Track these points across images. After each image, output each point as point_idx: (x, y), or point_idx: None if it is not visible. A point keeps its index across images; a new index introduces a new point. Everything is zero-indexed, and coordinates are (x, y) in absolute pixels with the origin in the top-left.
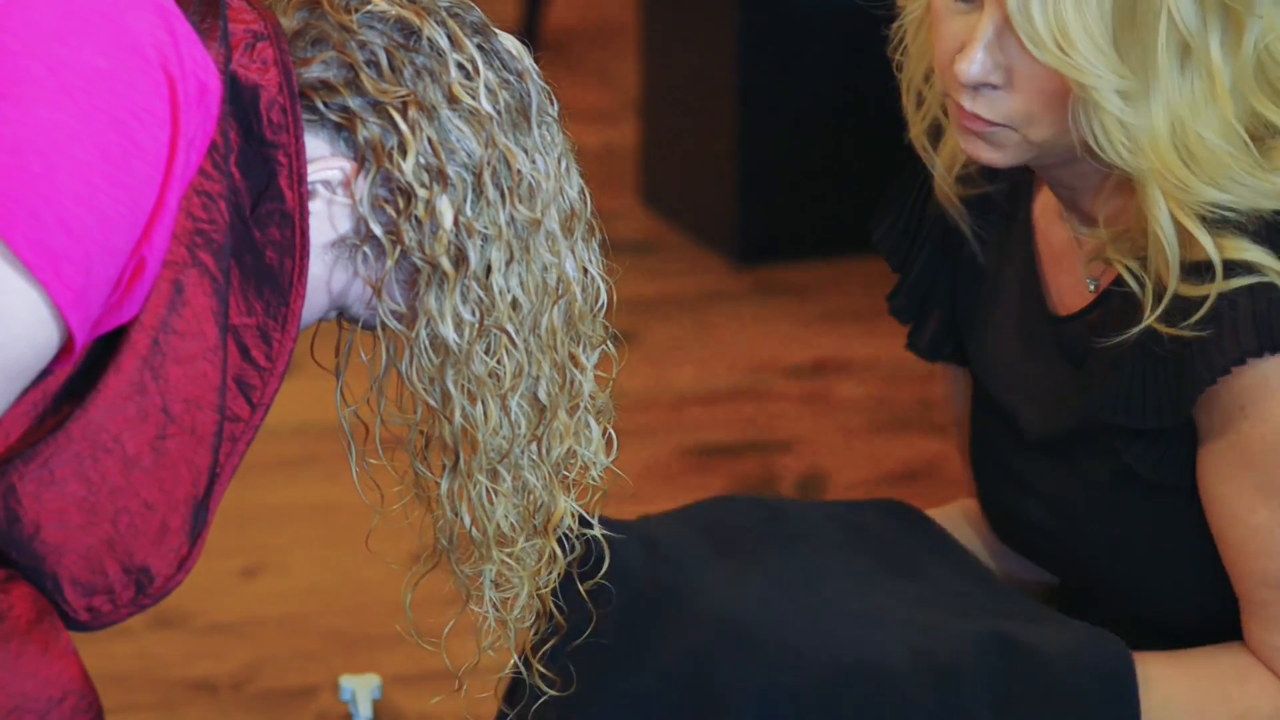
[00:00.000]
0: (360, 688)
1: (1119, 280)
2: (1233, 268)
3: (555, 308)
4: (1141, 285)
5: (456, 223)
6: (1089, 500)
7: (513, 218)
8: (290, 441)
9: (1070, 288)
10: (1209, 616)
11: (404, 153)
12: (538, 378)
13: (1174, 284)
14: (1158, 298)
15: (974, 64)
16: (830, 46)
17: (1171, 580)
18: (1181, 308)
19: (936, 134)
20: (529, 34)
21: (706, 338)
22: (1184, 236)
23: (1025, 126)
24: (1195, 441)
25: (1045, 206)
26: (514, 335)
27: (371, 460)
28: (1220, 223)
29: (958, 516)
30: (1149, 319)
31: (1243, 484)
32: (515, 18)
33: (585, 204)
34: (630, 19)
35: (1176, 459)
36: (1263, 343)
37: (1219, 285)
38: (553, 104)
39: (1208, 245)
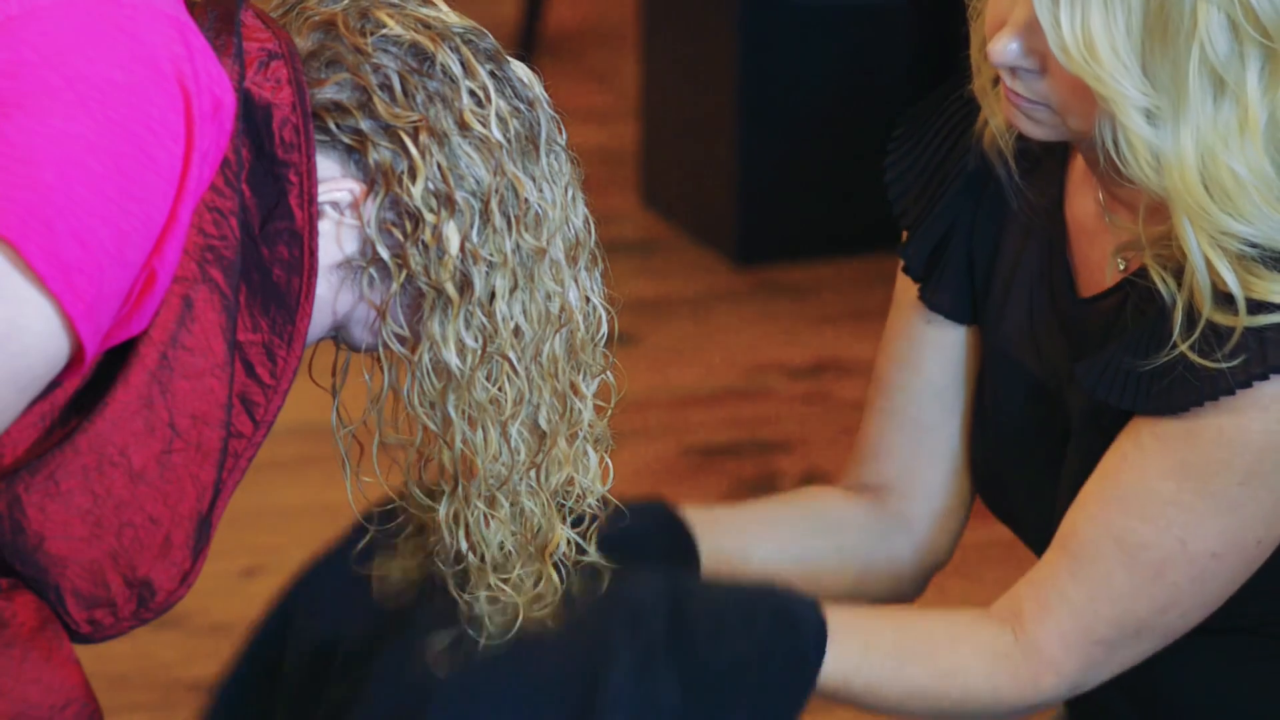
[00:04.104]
0: None
1: (1143, 270)
2: (1264, 304)
3: (557, 336)
4: (1173, 301)
5: (463, 249)
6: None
7: (518, 245)
8: (290, 442)
9: (1097, 264)
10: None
11: (413, 177)
12: (538, 405)
13: (1207, 311)
14: (1187, 317)
15: (1004, 51)
16: (830, 46)
17: None
18: (1211, 331)
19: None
20: (529, 34)
21: (706, 338)
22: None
23: (1061, 112)
24: None
25: (1080, 173)
26: (516, 362)
27: (367, 479)
28: (1255, 259)
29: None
30: (1182, 346)
31: (1169, 453)
32: (515, 18)
33: (590, 233)
34: (630, 19)
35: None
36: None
37: (1244, 320)
38: (561, 133)
39: (1230, 281)
